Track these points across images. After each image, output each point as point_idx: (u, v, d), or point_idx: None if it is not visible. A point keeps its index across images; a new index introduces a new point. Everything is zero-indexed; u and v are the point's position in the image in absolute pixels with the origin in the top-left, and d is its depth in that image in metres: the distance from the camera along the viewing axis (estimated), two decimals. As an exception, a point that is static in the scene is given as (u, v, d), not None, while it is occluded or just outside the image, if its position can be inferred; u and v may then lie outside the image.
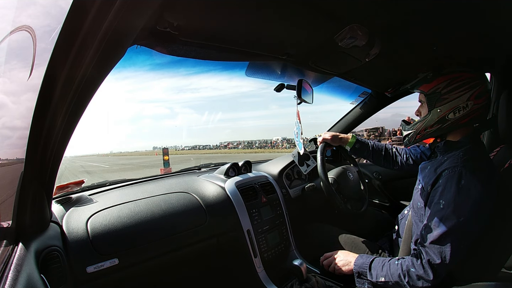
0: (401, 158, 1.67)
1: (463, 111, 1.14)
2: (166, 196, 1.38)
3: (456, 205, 1.05)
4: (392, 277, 1.13)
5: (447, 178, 1.10)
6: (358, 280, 1.23)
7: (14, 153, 0.95)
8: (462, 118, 1.15)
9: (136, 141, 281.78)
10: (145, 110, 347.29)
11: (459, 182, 1.06)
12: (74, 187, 1.31)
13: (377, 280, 1.17)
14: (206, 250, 1.38)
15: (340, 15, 1.04)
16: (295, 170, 2.00)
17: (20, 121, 0.89)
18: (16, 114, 0.93)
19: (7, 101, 0.96)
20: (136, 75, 24.17)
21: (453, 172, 1.09)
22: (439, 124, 1.20)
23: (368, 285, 1.20)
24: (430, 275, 1.06)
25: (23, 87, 0.85)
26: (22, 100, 0.89)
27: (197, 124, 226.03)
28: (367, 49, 1.25)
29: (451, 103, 1.15)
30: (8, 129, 0.99)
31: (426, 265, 1.07)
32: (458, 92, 1.14)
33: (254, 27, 1.09)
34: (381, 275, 1.17)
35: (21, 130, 0.79)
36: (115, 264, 1.07)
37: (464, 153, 1.13)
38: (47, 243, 0.90)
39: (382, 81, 1.90)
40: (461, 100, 1.13)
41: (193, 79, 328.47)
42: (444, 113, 1.17)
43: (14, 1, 0.81)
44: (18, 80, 0.89)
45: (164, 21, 0.90)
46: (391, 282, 1.13)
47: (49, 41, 0.58)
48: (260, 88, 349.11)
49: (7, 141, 0.98)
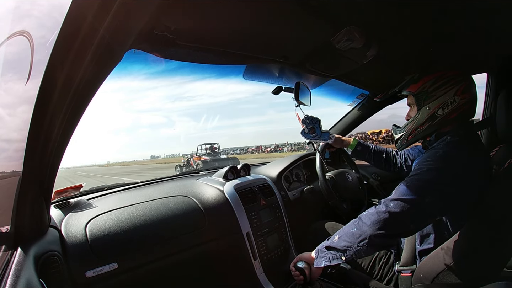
0: (400, 160, 1.69)
1: (451, 106, 1.18)
2: (165, 199, 1.38)
3: (427, 165, 1.09)
4: (345, 229, 1.15)
5: (427, 151, 1.17)
6: (316, 260, 1.19)
7: (11, 166, 0.95)
8: (451, 113, 1.18)
9: (133, 151, 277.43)
10: (141, 119, 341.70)
11: (437, 152, 1.11)
12: (72, 192, 1.30)
13: (331, 241, 1.16)
14: (205, 254, 1.38)
15: (337, 18, 1.04)
16: (294, 173, 2.01)
17: (17, 134, 0.89)
18: (12, 126, 0.92)
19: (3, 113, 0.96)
20: (131, 84, 23.78)
21: (435, 147, 1.16)
22: (429, 122, 1.23)
23: (325, 261, 1.15)
24: (382, 208, 1.07)
25: (19, 98, 0.85)
26: (17, 111, 0.89)
27: (195, 132, 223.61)
28: (364, 51, 1.26)
29: (439, 99, 1.19)
30: (4, 142, 0.99)
31: (381, 206, 1.08)
32: (445, 89, 1.18)
33: (252, 30, 1.09)
34: (335, 234, 1.18)
35: (18, 142, 0.79)
36: (114, 269, 1.06)
37: (452, 136, 1.17)
38: (46, 248, 0.90)
39: (379, 83, 1.92)
40: (448, 96, 1.18)
41: (189, 86, 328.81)
42: (433, 110, 1.21)
43: (9, 15, 0.81)
44: (14, 91, 0.89)
45: (161, 25, 0.90)
46: (344, 234, 1.13)
47: (45, 52, 0.58)
48: (255, 94, 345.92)
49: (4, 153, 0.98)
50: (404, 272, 1.28)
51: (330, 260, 1.14)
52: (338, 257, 1.12)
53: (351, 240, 1.09)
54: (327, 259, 1.14)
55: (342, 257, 1.11)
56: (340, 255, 1.12)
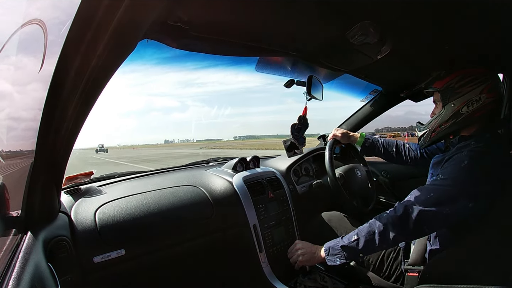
0: (415, 153, 1.66)
1: (476, 104, 1.15)
2: (174, 189, 1.39)
3: (452, 178, 1.09)
4: (363, 229, 1.18)
5: (452, 159, 1.14)
6: (329, 258, 1.23)
7: (19, 145, 0.96)
8: (475, 111, 1.16)
9: (144, 135, 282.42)
10: (153, 103, 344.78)
11: (462, 161, 1.09)
12: (83, 178, 1.32)
13: (349, 240, 1.19)
14: (212, 244, 1.39)
15: (352, 12, 1.02)
16: (303, 167, 2.00)
17: (26, 112, 0.90)
18: (22, 105, 0.94)
19: (14, 92, 0.97)
20: (143, 68, 23.73)
21: (459, 154, 1.13)
22: (453, 119, 1.20)
23: (340, 259, 1.20)
24: (399, 209, 1.11)
25: (32, 79, 0.86)
26: (29, 91, 0.90)
27: (206, 118, 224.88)
28: (378, 46, 1.24)
29: (464, 96, 1.17)
30: (13, 120, 1.01)
31: (399, 209, 1.12)
32: (471, 86, 1.16)
33: (265, 22, 1.08)
34: (352, 235, 1.20)
35: (27, 121, 0.80)
36: (121, 255, 1.08)
37: (476, 141, 1.14)
38: (55, 233, 0.92)
39: (393, 79, 1.88)
40: (474, 94, 1.15)
41: (201, 73, 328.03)
42: (458, 107, 1.18)
43: None
44: (27, 72, 0.89)
45: (174, 15, 0.90)
46: (363, 233, 1.17)
47: (59, 34, 0.58)
48: (267, 84, 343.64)
49: (13, 132, 1.00)
50: (411, 272, 1.27)
51: (346, 258, 1.20)
52: (355, 255, 1.19)
53: (369, 241, 1.14)
54: (342, 257, 1.20)
55: (360, 254, 1.19)
56: (357, 254, 1.18)
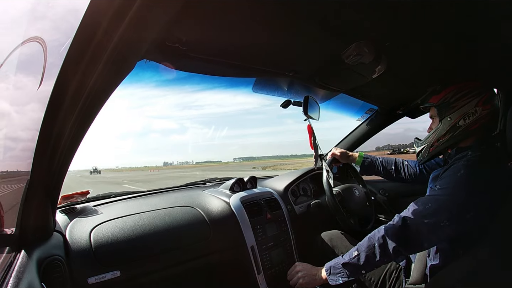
0: (414, 170, 1.65)
1: (473, 116, 1.17)
2: (171, 209, 1.38)
3: (449, 188, 1.09)
4: (363, 244, 1.17)
5: (449, 169, 1.15)
6: (330, 278, 1.21)
7: (16, 166, 0.95)
8: (472, 124, 1.17)
9: (143, 156, 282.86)
10: (152, 125, 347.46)
11: (458, 171, 1.10)
12: (79, 198, 1.31)
13: (350, 257, 1.18)
14: (209, 265, 1.36)
15: (346, 33, 1.05)
16: (301, 187, 1.99)
17: (24, 133, 0.90)
18: (21, 125, 0.94)
19: (12, 111, 0.97)
20: (142, 91, 24.01)
21: (456, 164, 1.14)
22: (451, 133, 1.21)
23: (342, 278, 1.18)
24: (398, 221, 1.13)
25: (30, 99, 0.86)
26: (27, 111, 0.90)
27: (204, 140, 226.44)
28: (373, 66, 1.26)
29: (460, 110, 1.18)
30: (11, 140, 1.00)
31: (398, 222, 1.13)
32: (466, 99, 1.18)
33: (262, 43, 1.11)
34: (353, 251, 1.19)
35: (24, 141, 0.79)
36: (116, 276, 1.06)
37: (473, 151, 1.16)
38: (50, 252, 0.90)
39: (388, 98, 1.91)
40: (469, 107, 1.17)
41: (199, 95, 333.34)
42: (454, 120, 1.20)
43: (24, 15, 0.83)
44: (26, 92, 0.90)
45: (173, 36, 0.92)
46: (363, 248, 1.15)
47: (58, 55, 0.59)
48: (263, 106, 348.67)
49: (10, 152, 0.99)
50: None
51: (348, 275, 1.17)
52: (357, 272, 1.17)
53: (369, 255, 1.13)
54: (344, 275, 1.18)
55: (362, 271, 1.17)
56: (359, 270, 1.17)
